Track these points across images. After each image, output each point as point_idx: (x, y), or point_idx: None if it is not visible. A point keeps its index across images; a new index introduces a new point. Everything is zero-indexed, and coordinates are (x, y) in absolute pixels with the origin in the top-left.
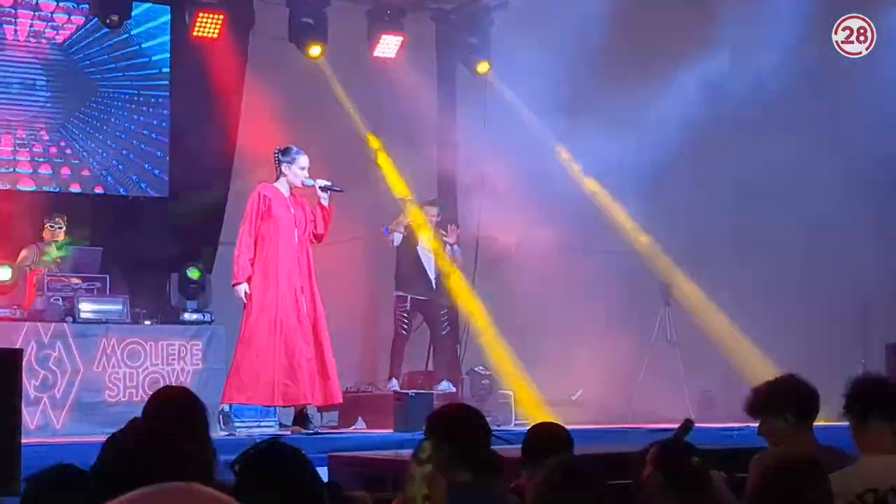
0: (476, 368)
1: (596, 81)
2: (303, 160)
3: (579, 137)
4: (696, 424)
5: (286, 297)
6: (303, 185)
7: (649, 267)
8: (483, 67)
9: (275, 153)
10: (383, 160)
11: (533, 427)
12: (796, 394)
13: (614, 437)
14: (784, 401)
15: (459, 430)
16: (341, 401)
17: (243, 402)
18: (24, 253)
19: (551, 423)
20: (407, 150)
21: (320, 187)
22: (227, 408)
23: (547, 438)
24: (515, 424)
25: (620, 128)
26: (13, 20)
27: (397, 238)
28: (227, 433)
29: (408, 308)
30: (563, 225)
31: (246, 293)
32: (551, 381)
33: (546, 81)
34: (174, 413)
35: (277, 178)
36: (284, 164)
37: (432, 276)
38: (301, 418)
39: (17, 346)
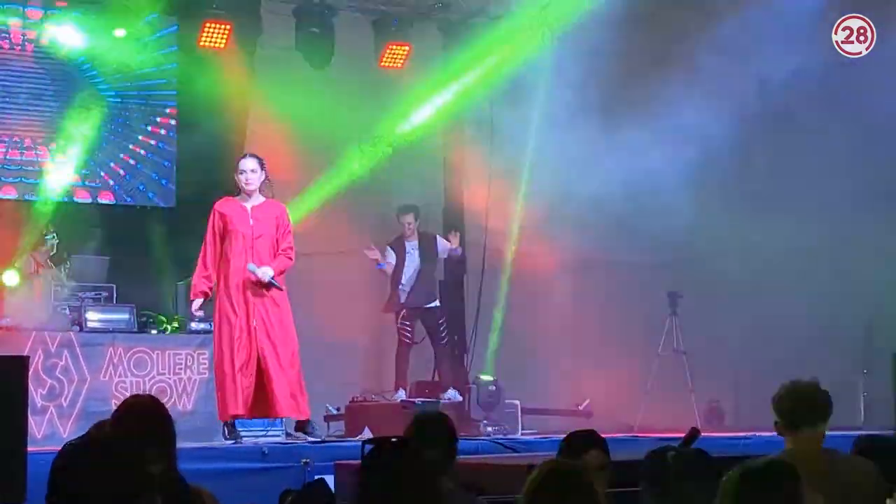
0: (483, 377)
1: (608, 94)
2: (242, 164)
3: (587, 150)
4: (704, 434)
5: (237, 316)
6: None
7: (657, 276)
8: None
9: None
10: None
11: (571, 433)
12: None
13: (621, 446)
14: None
15: None
16: (285, 415)
17: (228, 418)
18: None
19: (588, 430)
20: (412, 160)
21: (264, 286)
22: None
23: (582, 440)
24: (522, 434)
25: (629, 142)
26: (21, 31)
27: (391, 258)
28: (232, 442)
29: (407, 316)
30: (571, 235)
31: (196, 310)
32: (558, 389)
33: (555, 94)
34: (140, 427)
35: (239, 191)
36: (236, 174)
37: (422, 284)
38: (302, 425)
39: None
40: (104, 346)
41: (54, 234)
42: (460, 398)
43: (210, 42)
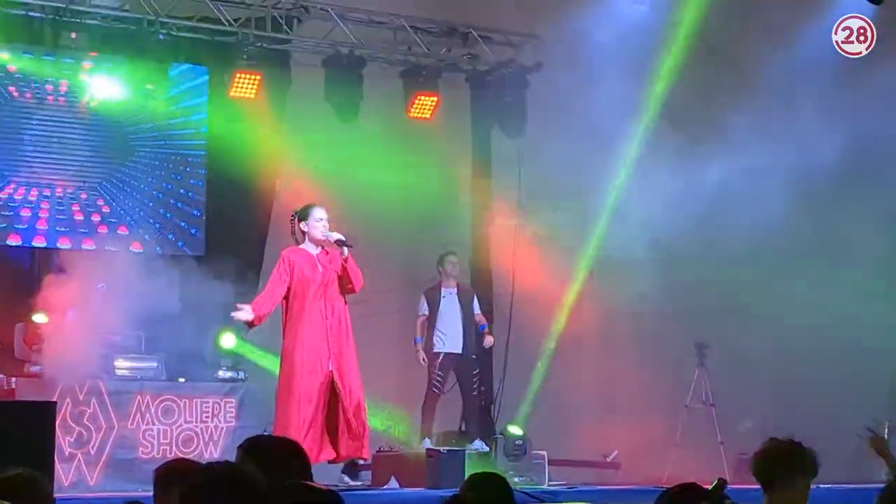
0: (511, 429)
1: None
2: (318, 212)
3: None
4: (734, 485)
5: (311, 361)
6: (324, 237)
7: (684, 328)
8: (515, 132)
9: (291, 218)
10: None
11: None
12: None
13: (649, 497)
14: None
15: None
16: (361, 455)
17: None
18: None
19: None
20: (442, 209)
21: (334, 241)
22: None
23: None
24: (549, 484)
25: (656, 189)
26: (54, 80)
27: (423, 309)
28: None
29: (437, 366)
30: (598, 285)
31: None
32: (586, 441)
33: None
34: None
35: (301, 241)
36: (302, 223)
37: (460, 331)
38: (349, 467)
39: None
40: (132, 393)
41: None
42: (487, 448)
43: (240, 92)
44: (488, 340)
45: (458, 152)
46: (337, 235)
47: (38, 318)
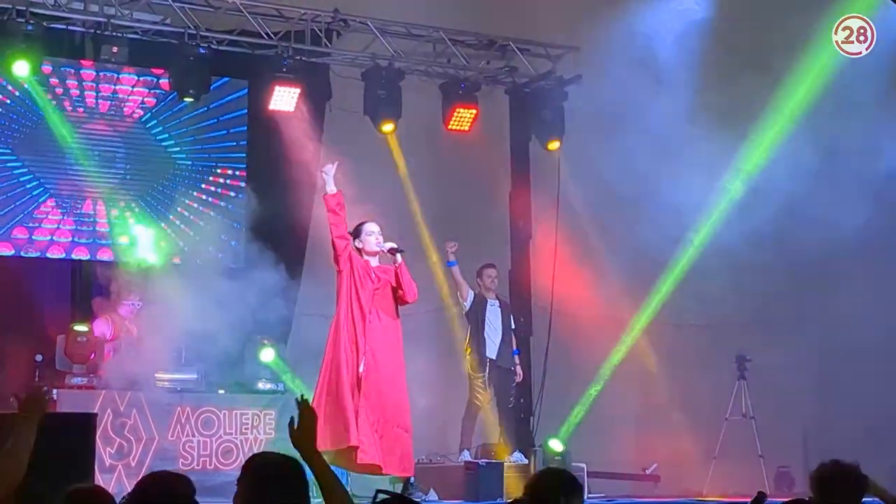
0: (550, 441)
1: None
2: (369, 227)
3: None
4: (773, 499)
5: (340, 356)
6: (380, 249)
7: (725, 339)
8: (554, 145)
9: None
10: None
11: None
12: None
13: None
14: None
15: None
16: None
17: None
18: (102, 326)
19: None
20: (480, 222)
21: (387, 250)
22: None
23: None
24: (589, 497)
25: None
26: (94, 95)
27: (468, 300)
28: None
29: (486, 377)
30: (639, 295)
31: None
32: (626, 453)
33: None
34: None
35: (360, 258)
36: (356, 240)
37: (499, 342)
38: (405, 484)
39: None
40: (172, 405)
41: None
42: (525, 461)
43: (280, 105)
44: (519, 374)
45: (496, 165)
46: (390, 244)
47: (80, 329)
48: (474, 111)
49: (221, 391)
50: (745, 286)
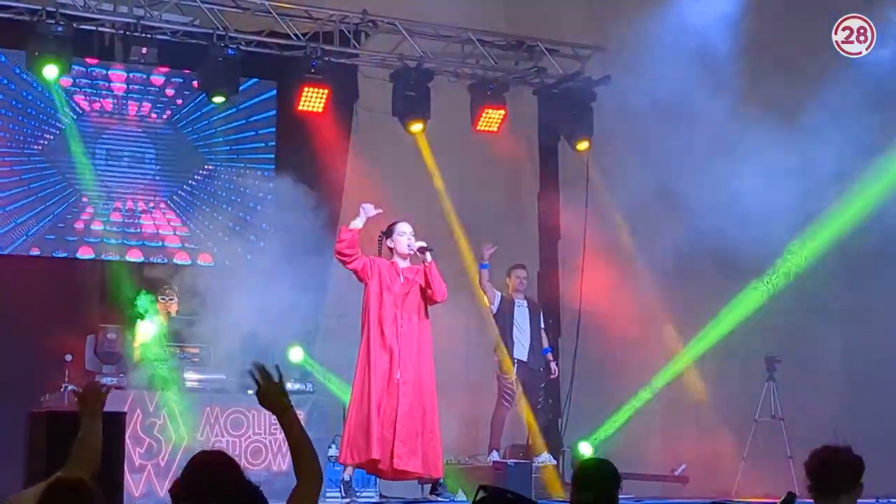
0: (579, 443)
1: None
2: (401, 227)
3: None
4: (803, 500)
5: (378, 367)
6: (410, 249)
7: (754, 340)
8: (583, 146)
9: (378, 238)
10: None
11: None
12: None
13: None
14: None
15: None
16: (428, 474)
17: (363, 459)
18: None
19: None
20: (509, 223)
21: (417, 249)
22: (346, 477)
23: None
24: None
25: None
26: (124, 95)
27: (496, 303)
28: (348, 500)
29: (514, 378)
30: (668, 296)
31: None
32: (654, 455)
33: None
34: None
35: (389, 258)
36: (388, 240)
37: (528, 343)
38: (434, 486)
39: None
40: (201, 405)
41: (172, 297)
42: (554, 461)
43: (308, 106)
44: (553, 370)
45: (525, 165)
46: (419, 243)
47: (109, 329)
48: (503, 112)
49: (250, 392)
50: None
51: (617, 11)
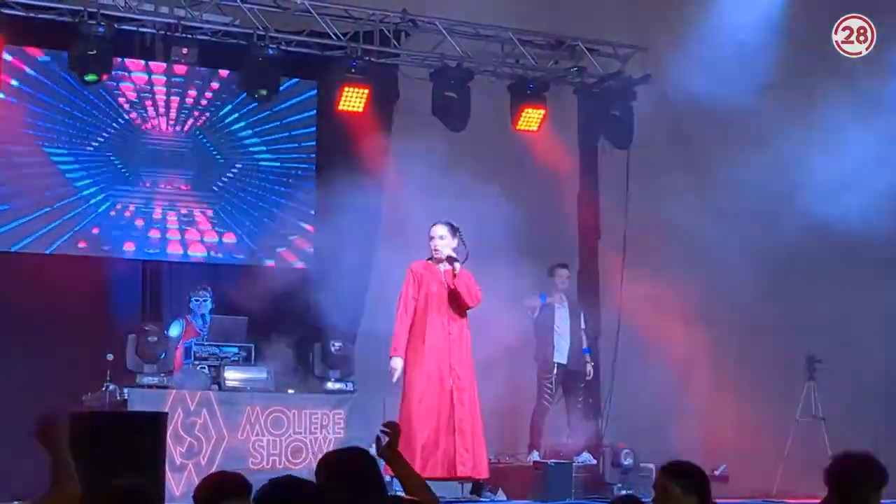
0: (618, 442)
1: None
2: (431, 231)
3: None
4: None
5: (432, 374)
6: (438, 254)
7: (795, 340)
8: (623, 145)
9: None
10: None
11: None
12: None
13: None
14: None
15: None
16: (480, 475)
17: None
18: (175, 327)
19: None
20: (548, 223)
21: (445, 258)
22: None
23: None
24: None
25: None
26: (164, 96)
27: (537, 310)
28: None
29: (553, 379)
30: (707, 296)
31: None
32: (694, 454)
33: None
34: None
35: (431, 255)
36: (430, 241)
37: (568, 343)
38: (476, 487)
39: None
40: (242, 405)
41: (206, 297)
42: (594, 461)
43: (349, 106)
44: (589, 371)
45: (565, 165)
46: (447, 252)
47: (151, 329)
48: (542, 111)
49: (291, 391)
50: (815, 285)
51: (658, 11)
